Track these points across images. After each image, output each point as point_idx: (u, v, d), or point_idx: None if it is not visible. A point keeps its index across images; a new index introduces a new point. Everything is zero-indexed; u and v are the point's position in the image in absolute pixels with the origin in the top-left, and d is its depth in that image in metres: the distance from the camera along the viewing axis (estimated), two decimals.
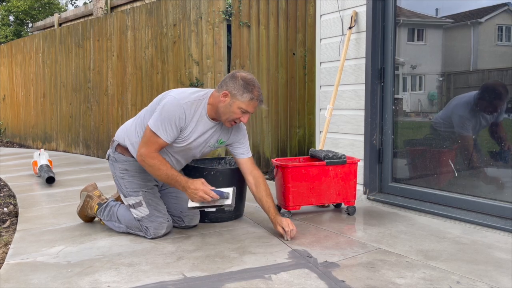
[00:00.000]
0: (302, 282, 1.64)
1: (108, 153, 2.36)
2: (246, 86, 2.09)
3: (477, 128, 2.69)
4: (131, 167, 2.25)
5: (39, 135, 7.28)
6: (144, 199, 2.20)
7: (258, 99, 2.12)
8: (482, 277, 1.66)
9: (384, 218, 2.53)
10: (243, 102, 2.09)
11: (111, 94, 5.59)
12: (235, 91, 2.09)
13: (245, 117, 2.14)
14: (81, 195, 2.46)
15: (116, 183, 2.30)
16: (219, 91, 2.13)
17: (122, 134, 2.32)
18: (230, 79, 2.12)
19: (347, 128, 3.15)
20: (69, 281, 1.67)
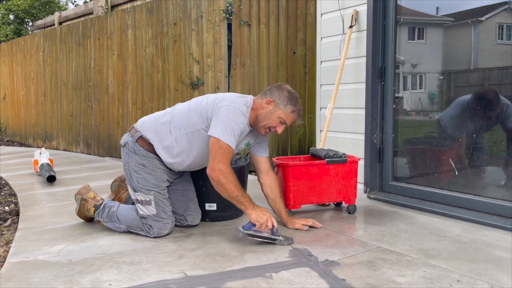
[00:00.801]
0: (303, 280, 1.64)
1: (126, 141, 2.28)
2: (291, 99, 2.17)
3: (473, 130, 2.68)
4: (149, 164, 2.22)
5: (39, 134, 7.29)
6: (154, 199, 2.19)
7: (298, 114, 2.21)
8: (482, 276, 1.66)
9: (384, 217, 2.53)
10: (284, 112, 2.16)
11: (111, 93, 5.59)
12: (279, 101, 2.16)
13: (281, 128, 2.21)
14: (75, 199, 2.43)
15: (127, 173, 2.25)
16: (262, 98, 2.20)
17: (149, 129, 2.24)
18: (276, 89, 2.19)
19: (347, 127, 3.15)
20: (71, 279, 1.68)
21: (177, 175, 2.37)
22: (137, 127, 2.29)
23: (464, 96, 2.76)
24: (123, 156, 2.29)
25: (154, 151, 2.23)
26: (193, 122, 2.18)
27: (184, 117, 2.21)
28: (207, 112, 2.15)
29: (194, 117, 2.18)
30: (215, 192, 2.44)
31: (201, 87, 4.41)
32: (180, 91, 4.66)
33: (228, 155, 2.07)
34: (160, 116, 2.29)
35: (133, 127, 2.32)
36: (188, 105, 2.26)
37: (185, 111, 2.23)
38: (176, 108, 2.30)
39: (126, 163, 2.27)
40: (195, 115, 2.18)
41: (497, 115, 2.55)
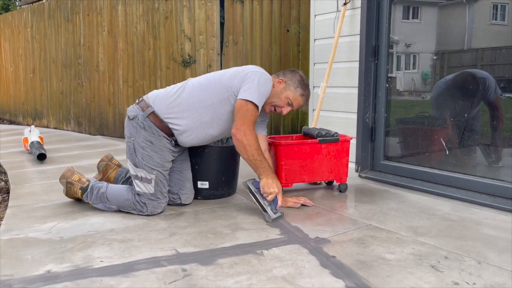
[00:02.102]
0: (294, 257, 1.66)
1: (136, 114, 2.19)
2: (302, 83, 2.26)
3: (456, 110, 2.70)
4: (157, 142, 2.18)
5: (29, 112, 7.20)
6: (155, 179, 2.17)
7: (306, 99, 2.30)
8: (470, 253, 1.69)
9: (375, 196, 2.56)
10: (294, 94, 2.24)
11: (102, 70, 5.51)
12: (290, 82, 2.24)
13: (286, 109, 2.26)
14: (61, 182, 2.37)
15: (130, 146, 2.19)
16: (275, 77, 2.26)
17: (163, 105, 2.18)
18: (290, 72, 2.28)
19: (340, 106, 3.14)
20: (62, 256, 1.68)
21: (179, 153, 2.36)
22: (148, 102, 2.22)
23: (444, 78, 2.77)
24: (129, 129, 2.21)
25: (165, 128, 2.19)
26: (217, 93, 2.16)
27: (204, 89, 2.19)
28: (233, 82, 2.15)
29: (217, 88, 2.17)
30: (207, 171, 2.46)
31: (193, 65, 4.36)
32: (172, 69, 4.60)
33: (254, 118, 2.10)
34: (173, 91, 2.23)
35: (143, 100, 2.24)
36: (207, 78, 2.24)
37: (204, 84, 2.21)
38: (189, 82, 2.26)
39: (131, 137, 2.20)
40: (218, 86, 2.17)
41: (478, 93, 2.56)
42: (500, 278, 1.48)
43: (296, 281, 1.46)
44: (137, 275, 1.51)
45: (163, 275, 1.51)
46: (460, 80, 2.66)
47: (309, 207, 2.33)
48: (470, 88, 2.60)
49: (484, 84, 2.51)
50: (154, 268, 1.57)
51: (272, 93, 2.21)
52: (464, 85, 2.64)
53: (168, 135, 2.21)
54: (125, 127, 2.25)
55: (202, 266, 1.58)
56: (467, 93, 2.63)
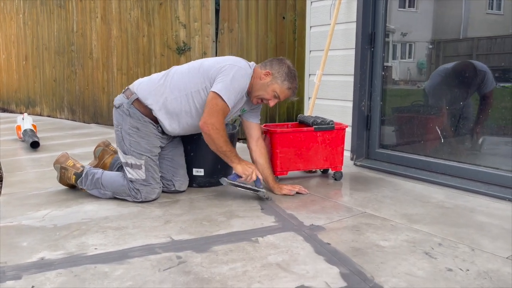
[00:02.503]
0: (289, 244, 1.66)
1: (121, 102, 2.21)
2: (289, 75, 2.19)
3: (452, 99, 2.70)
4: (144, 128, 2.18)
5: (22, 100, 7.12)
6: (145, 164, 2.17)
7: (293, 92, 2.24)
8: (463, 239, 1.70)
9: (370, 184, 2.56)
10: (281, 87, 2.18)
11: (95, 57, 5.44)
12: (277, 75, 2.18)
13: (273, 101, 2.22)
14: (55, 167, 2.37)
15: (118, 135, 2.21)
16: (262, 68, 2.21)
17: (147, 91, 2.19)
18: (277, 63, 2.20)
19: (336, 94, 3.13)
20: (56, 244, 1.67)
21: (169, 140, 2.34)
22: (133, 89, 2.23)
23: (442, 66, 2.76)
24: (116, 118, 2.23)
25: (150, 114, 2.19)
26: (195, 82, 2.15)
27: (184, 77, 2.18)
28: (210, 71, 2.13)
29: (196, 76, 2.15)
30: (203, 158, 2.45)
31: (187, 52, 4.32)
32: (166, 56, 4.55)
33: (222, 112, 2.08)
34: (157, 78, 2.24)
35: (128, 88, 2.25)
36: (188, 66, 2.23)
37: (185, 72, 2.20)
38: (173, 69, 2.26)
39: (118, 125, 2.21)
40: (196, 74, 2.16)
41: (475, 84, 2.57)
42: (493, 264, 1.49)
43: (291, 267, 1.46)
44: (132, 262, 1.51)
45: (157, 262, 1.51)
46: (461, 68, 2.64)
47: (304, 195, 2.33)
48: (469, 78, 2.60)
49: (484, 77, 2.51)
50: (149, 255, 1.57)
51: (258, 85, 2.18)
52: (464, 74, 2.63)
53: (154, 121, 2.21)
54: (113, 116, 2.27)
55: (197, 254, 1.58)
56: (466, 82, 2.63)
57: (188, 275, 1.41)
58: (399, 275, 1.41)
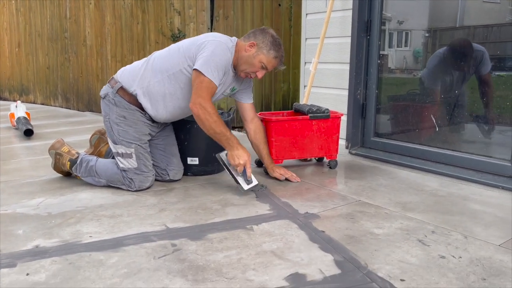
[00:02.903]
0: (283, 232, 1.67)
1: (106, 92, 2.20)
2: (274, 44, 2.13)
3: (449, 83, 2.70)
4: (131, 116, 2.17)
5: (15, 87, 7.05)
6: (135, 152, 2.16)
7: (280, 60, 2.17)
8: (457, 227, 1.72)
9: (365, 172, 2.57)
10: (267, 57, 2.13)
11: (89, 45, 5.38)
12: (262, 45, 2.12)
13: (261, 73, 2.17)
14: (49, 153, 2.36)
15: (107, 125, 2.20)
16: (245, 40, 2.15)
17: (130, 78, 2.17)
18: (260, 33, 2.15)
19: (331, 82, 3.12)
20: (50, 231, 1.67)
21: (160, 128, 2.33)
22: (117, 78, 2.22)
23: (441, 48, 2.75)
24: (103, 108, 2.23)
25: (135, 102, 2.18)
26: (176, 62, 2.12)
27: (165, 59, 2.15)
28: (191, 50, 2.10)
29: (176, 57, 2.12)
30: (197, 147, 2.44)
31: (182, 39, 4.28)
32: (161, 43, 4.51)
33: (209, 89, 2.04)
34: (139, 64, 2.23)
35: (113, 78, 2.24)
36: (168, 49, 2.21)
37: (165, 54, 2.18)
38: (154, 54, 2.24)
39: (106, 115, 2.21)
40: (177, 55, 2.13)
41: (472, 64, 2.56)
42: (486, 252, 1.50)
43: (285, 255, 1.47)
44: (127, 250, 1.51)
45: (152, 250, 1.51)
46: (458, 44, 2.62)
47: (299, 183, 2.33)
48: (467, 55, 2.56)
49: (482, 56, 2.49)
50: (144, 243, 1.57)
51: (244, 58, 2.13)
52: (461, 50, 2.60)
53: (140, 108, 2.20)
54: (101, 107, 2.26)
55: (191, 241, 1.58)
56: (463, 60, 2.60)
57: (183, 262, 1.42)
58: (392, 262, 1.42)
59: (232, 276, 1.33)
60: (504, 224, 1.75)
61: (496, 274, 1.34)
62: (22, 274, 1.34)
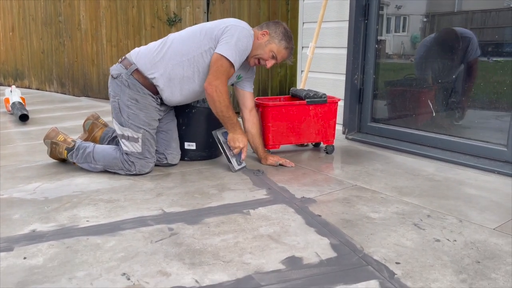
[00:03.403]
0: (280, 216, 1.68)
1: (119, 73, 2.14)
2: (286, 35, 2.20)
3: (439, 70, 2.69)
4: (143, 100, 2.15)
5: (10, 72, 6.98)
6: (142, 138, 2.15)
7: (290, 51, 2.24)
8: (452, 211, 1.73)
9: (361, 157, 2.57)
10: (278, 47, 2.19)
11: (84, 29, 5.32)
12: (274, 34, 2.18)
13: (270, 62, 2.21)
14: (45, 143, 2.33)
15: (115, 106, 2.16)
16: (259, 29, 2.20)
17: (146, 60, 2.14)
18: (273, 24, 2.22)
19: (329, 67, 3.10)
20: (47, 216, 1.67)
21: (165, 112, 2.32)
22: (131, 59, 2.17)
23: (427, 37, 2.74)
24: (113, 89, 2.17)
25: (149, 86, 2.15)
26: (197, 45, 2.11)
27: (185, 42, 2.14)
28: (213, 33, 2.10)
29: (198, 40, 2.12)
30: (195, 131, 2.44)
31: (178, 23, 4.23)
32: (157, 27, 4.46)
33: (227, 73, 2.07)
34: (156, 46, 2.18)
35: (126, 58, 2.19)
36: (187, 32, 2.19)
37: (186, 37, 2.16)
38: (170, 36, 2.20)
39: (116, 96, 2.16)
40: (198, 38, 2.12)
41: (461, 51, 2.55)
42: (481, 235, 1.52)
43: (282, 239, 1.48)
44: (124, 234, 1.51)
45: (149, 234, 1.51)
46: (444, 36, 2.63)
47: (295, 168, 2.34)
48: (453, 45, 2.58)
49: (469, 42, 2.49)
50: (141, 227, 1.57)
51: (255, 45, 2.17)
52: (447, 41, 2.61)
53: (153, 93, 2.17)
54: (109, 86, 2.21)
55: (188, 225, 1.59)
56: (450, 50, 2.61)
57: (180, 246, 1.43)
58: (388, 245, 1.43)
59: (229, 259, 1.34)
60: (499, 208, 1.77)
61: (491, 257, 1.36)
62: (19, 258, 1.35)
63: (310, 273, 1.26)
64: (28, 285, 1.20)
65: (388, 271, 1.27)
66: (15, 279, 1.23)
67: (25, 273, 1.25)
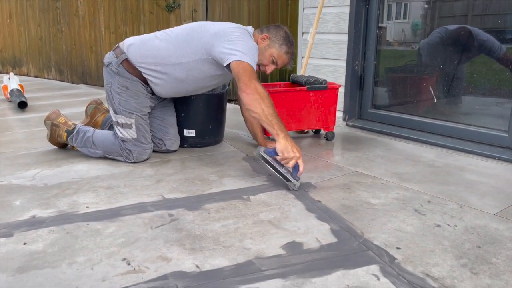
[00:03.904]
0: (280, 202, 1.67)
1: (110, 61, 2.14)
2: (287, 39, 2.13)
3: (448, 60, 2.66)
4: (133, 87, 2.13)
5: (8, 59, 6.93)
6: (135, 123, 2.14)
7: (291, 56, 2.18)
8: (452, 197, 1.73)
9: (362, 144, 2.57)
10: (278, 52, 2.12)
11: (82, 15, 5.26)
12: (275, 38, 2.11)
13: (270, 68, 2.15)
14: (45, 124, 2.33)
15: (108, 94, 2.17)
16: (259, 32, 2.14)
17: (137, 53, 2.10)
18: (274, 28, 2.14)
19: (329, 53, 3.07)
20: (47, 202, 1.67)
21: (159, 100, 2.31)
22: (123, 48, 2.15)
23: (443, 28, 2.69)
24: (106, 76, 2.18)
25: (138, 75, 2.13)
26: (193, 52, 2.04)
27: (182, 47, 2.06)
28: (214, 44, 1.99)
29: (194, 47, 2.04)
30: (194, 118, 2.42)
31: (177, 10, 4.18)
32: (156, 14, 4.41)
33: (254, 74, 1.90)
34: (149, 40, 2.14)
35: (118, 46, 2.17)
36: (186, 33, 2.08)
37: (182, 40, 2.07)
38: (167, 33, 2.14)
39: (108, 84, 2.17)
40: (196, 45, 2.04)
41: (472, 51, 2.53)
42: (481, 220, 1.52)
43: (282, 224, 1.48)
44: (124, 220, 1.51)
45: (149, 220, 1.51)
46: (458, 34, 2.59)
47: None
48: (465, 44, 2.54)
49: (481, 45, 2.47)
50: (141, 213, 1.57)
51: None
52: (461, 40, 2.57)
53: (143, 81, 2.16)
54: (103, 74, 2.21)
55: (189, 211, 1.58)
56: (461, 47, 2.58)
57: (181, 232, 1.42)
58: (388, 231, 1.43)
59: (230, 244, 1.34)
60: (499, 194, 1.77)
61: (491, 242, 1.36)
62: (19, 243, 1.34)
63: (310, 258, 1.26)
64: (28, 270, 1.20)
65: (388, 256, 1.27)
66: (16, 264, 1.23)
67: (26, 258, 1.25)
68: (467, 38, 2.54)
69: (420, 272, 1.19)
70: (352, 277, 1.16)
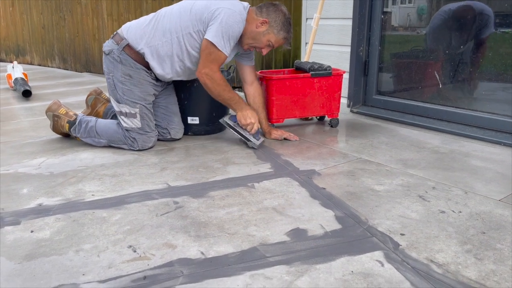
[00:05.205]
0: (284, 189, 1.68)
1: (111, 49, 2.13)
2: (285, 24, 2.12)
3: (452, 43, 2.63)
4: (136, 75, 2.12)
5: (11, 48, 6.92)
6: (140, 113, 2.14)
7: (289, 41, 2.18)
8: (457, 183, 1.72)
9: (366, 130, 2.56)
10: (276, 37, 2.13)
11: (84, 3, 5.23)
12: (274, 24, 2.11)
13: (266, 50, 2.17)
14: (47, 115, 2.34)
15: (110, 83, 2.15)
16: (257, 15, 2.10)
17: (136, 35, 2.10)
18: (274, 11, 2.12)
19: (333, 39, 3.04)
20: (53, 190, 1.68)
21: (162, 88, 2.30)
22: (122, 34, 2.14)
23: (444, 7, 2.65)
24: (107, 65, 2.16)
25: (141, 61, 2.13)
26: (186, 25, 2.06)
27: (174, 19, 2.08)
28: (203, 14, 2.04)
29: (187, 19, 2.06)
30: (197, 106, 2.42)
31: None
32: (158, 0, 4.37)
33: (218, 61, 2.04)
34: (146, 21, 2.14)
35: (117, 33, 2.16)
36: (179, 8, 2.12)
37: (176, 14, 2.10)
38: (162, 11, 2.16)
39: (110, 73, 2.15)
40: (188, 17, 2.06)
41: (476, 28, 2.49)
42: (486, 206, 1.52)
43: (286, 211, 1.49)
44: (129, 208, 1.52)
45: (155, 207, 1.52)
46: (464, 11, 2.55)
47: (300, 141, 2.32)
48: (471, 21, 2.51)
49: (487, 20, 2.43)
50: (146, 201, 1.58)
51: (253, 33, 2.10)
52: (467, 17, 2.54)
53: (146, 68, 2.15)
54: (103, 63, 2.20)
55: (193, 199, 1.59)
56: (467, 25, 2.54)
57: (186, 219, 1.43)
58: (393, 217, 1.44)
59: (234, 231, 1.35)
60: (504, 180, 1.76)
61: (496, 228, 1.36)
62: (27, 231, 1.36)
63: (314, 244, 1.27)
64: (35, 257, 1.21)
65: (392, 242, 1.28)
66: (23, 252, 1.24)
67: (33, 246, 1.27)
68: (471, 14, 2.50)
69: (424, 258, 1.19)
70: (356, 264, 1.17)
